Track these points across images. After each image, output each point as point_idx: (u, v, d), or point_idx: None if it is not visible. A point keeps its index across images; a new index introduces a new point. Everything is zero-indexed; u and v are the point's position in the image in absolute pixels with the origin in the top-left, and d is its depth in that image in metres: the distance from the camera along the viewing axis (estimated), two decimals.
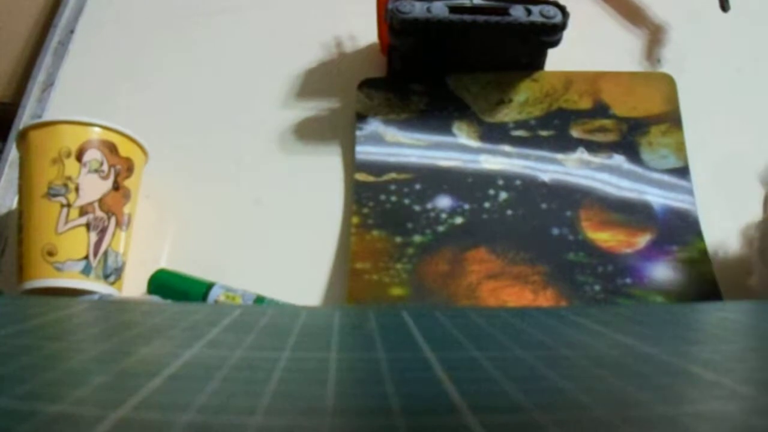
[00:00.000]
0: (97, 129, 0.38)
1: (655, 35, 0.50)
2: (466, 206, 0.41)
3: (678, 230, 0.40)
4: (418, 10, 0.41)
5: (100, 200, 0.37)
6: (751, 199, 0.43)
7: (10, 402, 0.12)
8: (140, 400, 0.12)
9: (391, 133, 0.44)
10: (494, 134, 0.44)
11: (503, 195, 0.41)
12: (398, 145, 0.43)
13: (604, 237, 0.40)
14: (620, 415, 0.11)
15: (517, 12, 0.41)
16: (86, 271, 0.36)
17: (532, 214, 0.41)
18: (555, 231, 0.40)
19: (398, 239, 0.40)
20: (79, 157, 0.37)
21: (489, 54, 0.45)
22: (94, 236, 0.37)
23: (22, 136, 0.38)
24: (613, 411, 0.12)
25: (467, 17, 0.41)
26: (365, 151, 0.43)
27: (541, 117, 0.44)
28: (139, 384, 0.13)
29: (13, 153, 0.46)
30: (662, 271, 0.38)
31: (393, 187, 0.42)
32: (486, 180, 0.42)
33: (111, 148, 0.38)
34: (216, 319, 0.21)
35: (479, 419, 0.11)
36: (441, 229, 0.40)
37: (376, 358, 0.16)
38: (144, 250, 0.41)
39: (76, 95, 0.50)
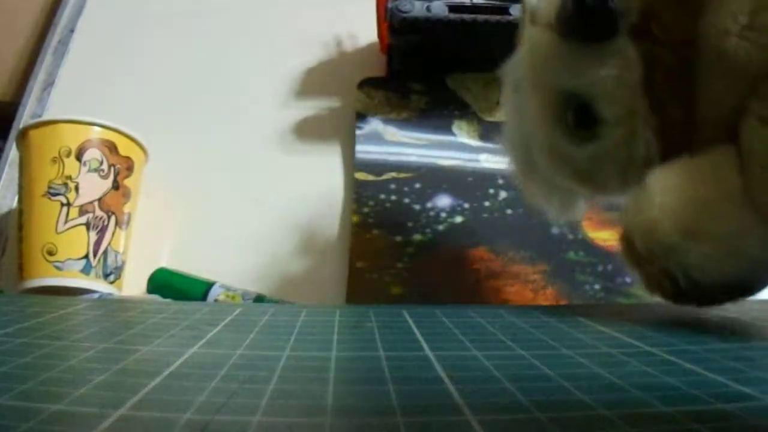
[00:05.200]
0: (97, 128, 0.38)
1: None
2: (466, 205, 0.41)
3: None
4: (417, 9, 0.41)
5: (100, 199, 0.37)
6: None
7: (11, 400, 0.12)
8: (140, 399, 0.12)
9: (391, 132, 0.44)
10: (494, 133, 0.43)
11: (503, 194, 0.41)
12: (398, 144, 0.43)
13: (604, 236, 0.40)
14: (620, 414, 0.11)
15: (517, 11, 0.41)
16: (86, 270, 0.36)
17: (532, 213, 0.40)
18: (555, 230, 0.40)
19: (398, 238, 0.40)
20: (79, 156, 0.37)
21: (489, 53, 0.45)
22: (93, 235, 0.37)
23: (23, 135, 0.38)
24: (613, 410, 0.12)
25: (467, 16, 0.41)
26: (365, 150, 0.43)
27: None
28: (139, 383, 0.13)
29: (13, 152, 0.46)
30: None
31: (393, 186, 0.42)
32: (486, 179, 0.42)
33: (111, 148, 0.38)
34: (216, 318, 0.21)
35: (479, 418, 0.11)
36: (441, 228, 0.40)
37: (376, 357, 0.16)
38: (144, 249, 0.41)
39: (76, 94, 0.50)
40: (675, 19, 0.21)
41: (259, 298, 0.37)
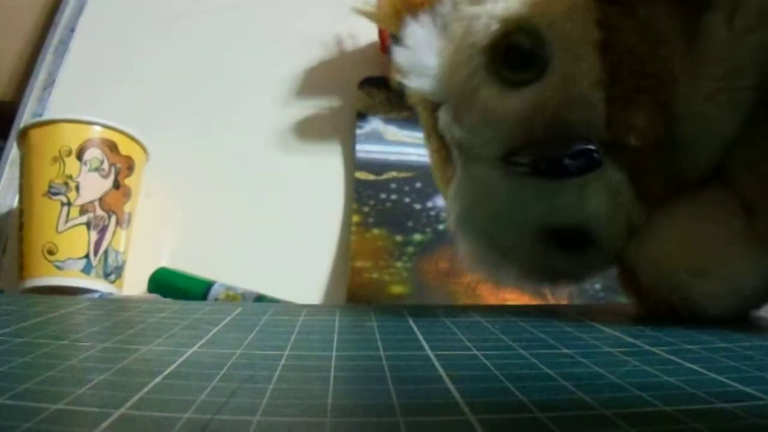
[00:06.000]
0: (97, 128, 0.38)
1: None
2: None
3: None
4: None
5: (101, 199, 0.37)
6: None
7: (11, 400, 0.12)
8: (140, 399, 0.12)
9: (392, 131, 0.44)
10: None
11: None
12: (399, 144, 0.43)
13: None
14: (620, 414, 0.11)
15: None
16: (87, 269, 0.36)
17: None
18: None
19: (398, 237, 0.40)
20: (79, 155, 0.37)
21: None
22: (94, 235, 0.37)
23: (23, 134, 0.38)
24: (613, 410, 0.12)
25: None
26: (366, 150, 0.43)
27: None
28: (139, 382, 0.13)
29: (13, 152, 0.46)
30: None
31: (393, 186, 0.42)
32: None
33: (111, 147, 0.38)
34: (216, 317, 0.21)
35: (479, 418, 0.11)
36: (441, 227, 0.40)
37: (376, 357, 0.16)
38: (144, 249, 0.41)
39: (76, 94, 0.50)
40: (650, 123, 0.20)
41: (259, 298, 0.37)
